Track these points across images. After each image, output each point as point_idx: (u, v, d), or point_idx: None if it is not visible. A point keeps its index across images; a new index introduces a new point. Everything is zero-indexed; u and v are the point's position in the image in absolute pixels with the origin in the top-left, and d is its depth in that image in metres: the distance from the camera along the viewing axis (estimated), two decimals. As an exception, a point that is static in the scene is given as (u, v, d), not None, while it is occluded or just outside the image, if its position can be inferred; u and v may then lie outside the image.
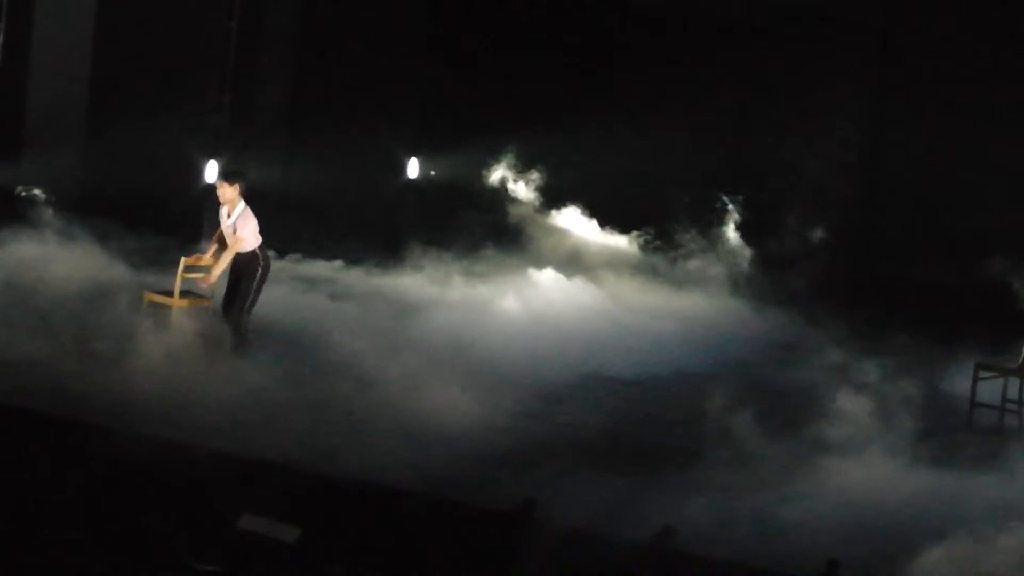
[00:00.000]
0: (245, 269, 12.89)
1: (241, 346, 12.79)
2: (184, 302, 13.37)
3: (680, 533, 9.21)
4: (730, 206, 18.54)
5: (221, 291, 13.15)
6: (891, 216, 18.91)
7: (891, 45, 18.94)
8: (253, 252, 12.87)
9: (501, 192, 19.42)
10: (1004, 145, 18.06)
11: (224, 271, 12.99)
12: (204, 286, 13.15)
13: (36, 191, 17.10)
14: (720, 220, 18.53)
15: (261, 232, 12.93)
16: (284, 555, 8.79)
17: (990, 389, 13.46)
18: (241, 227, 12.78)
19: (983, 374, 13.48)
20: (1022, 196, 17.86)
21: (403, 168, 20.37)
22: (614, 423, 12.44)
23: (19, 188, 17.16)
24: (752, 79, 19.29)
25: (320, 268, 17.26)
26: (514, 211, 19.16)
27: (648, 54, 19.66)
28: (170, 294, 13.39)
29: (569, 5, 20.09)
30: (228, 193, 12.84)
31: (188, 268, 13.38)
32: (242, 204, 12.84)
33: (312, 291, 15.88)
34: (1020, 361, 13.39)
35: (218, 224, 13.14)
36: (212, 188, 17.05)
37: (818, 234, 18.53)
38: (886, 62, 19.02)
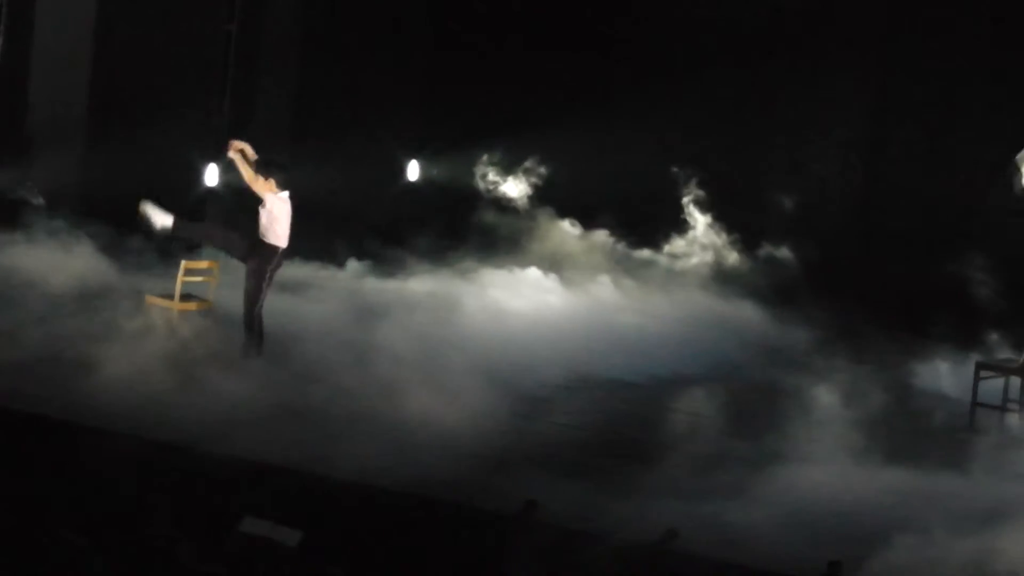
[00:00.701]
0: (256, 264, 12.76)
1: (253, 345, 12.82)
2: (185, 305, 13.39)
3: (682, 534, 9.21)
4: (702, 191, 18.46)
5: (222, 294, 13.18)
6: (890, 215, 18.87)
7: (893, 47, 18.91)
8: (272, 247, 12.74)
9: (501, 193, 19.41)
10: (1006, 147, 18.00)
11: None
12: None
13: (36, 195, 17.09)
14: (714, 218, 18.51)
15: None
16: (286, 558, 8.80)
17: (991, 389, 13.47)
18: (264, 214, 12.68)
19: (984, 374, 13.48)
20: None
21: (403, 171, 20.34)
22: (612, 424, 12.44)
23: (19, 191, 17.15)
24: (752, 82, 19.26)
25: (318, 271, 17.27)
26: (514, 212, 19.15)
27: (650, 56, 19.64)
28: (171, 297, 13.42)
29: (571, 9, 20.06)
30: (261, 185, 12.73)
31: (189, 271, 13.41)
32: (272, 197, 12.71)
33: (310, 294, 15.88)
34: (1021, 361, 13.39)
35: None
36: (212, 192, 17.21)
37: (817, 234, 18.48)
38: (887, 63, 19.00)
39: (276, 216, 12.70)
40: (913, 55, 18.63)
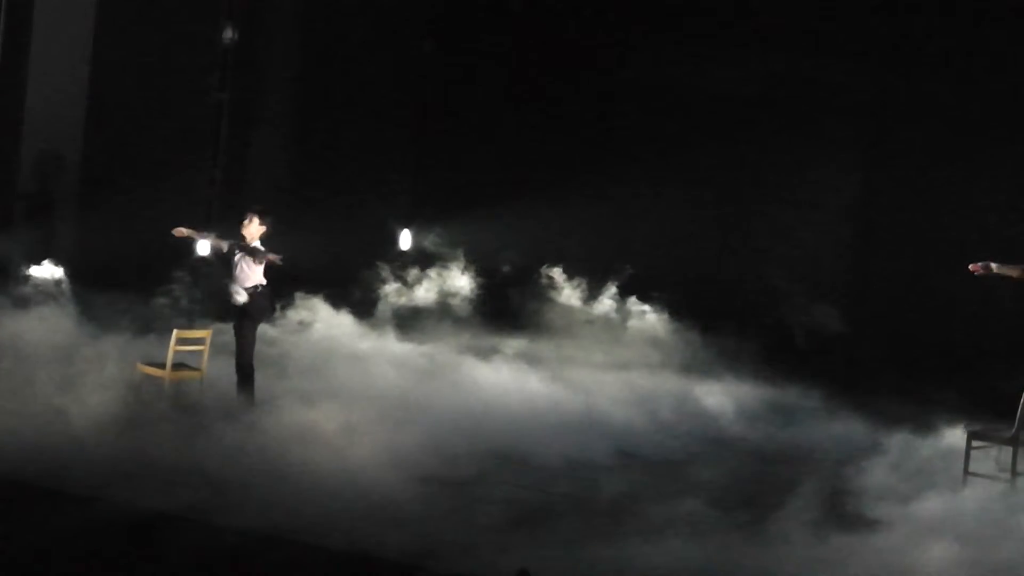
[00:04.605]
0: (265, 308, 13.70)
1: (248, 391, 13.16)
2: (177, 374, 13.39)
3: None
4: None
5: (215, 365, 13.24)
6: (880, 283, 18.94)
7: (883, 116, 19.04)
8: (267, 288, 13.47)
9: (494, 263, 19.48)
10: (995, 213, 18.08)
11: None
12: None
13: (29, 261, 17.11)
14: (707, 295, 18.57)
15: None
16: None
17: (983, 458, 13.46)
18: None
19: (975, 443, 13.47)
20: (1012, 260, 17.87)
21: (396, 239, 20.40)
22: (599, 493, 12.41)
23: (11, 258, 17.17)
24: (744, 149, 19.39)
25: (308, 335, 17.32)
26: (508, 282, 19.21)
27: (644, 125, 19.78)
28: (162, 366, 13.42)
29: (566, 77, 20.22)
30: (252, 228, 13.42)
31: (180, 340, 13.43)
32: (258, 244, 13.41)
33: (300, 358, 15.89)
34: (1012, 431, 13.38)
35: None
36: (204, 260, 17.28)
37: (810, 305, 18.54)
38: (877, 134, 19.12)
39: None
40: (905, 125, 18.78)
